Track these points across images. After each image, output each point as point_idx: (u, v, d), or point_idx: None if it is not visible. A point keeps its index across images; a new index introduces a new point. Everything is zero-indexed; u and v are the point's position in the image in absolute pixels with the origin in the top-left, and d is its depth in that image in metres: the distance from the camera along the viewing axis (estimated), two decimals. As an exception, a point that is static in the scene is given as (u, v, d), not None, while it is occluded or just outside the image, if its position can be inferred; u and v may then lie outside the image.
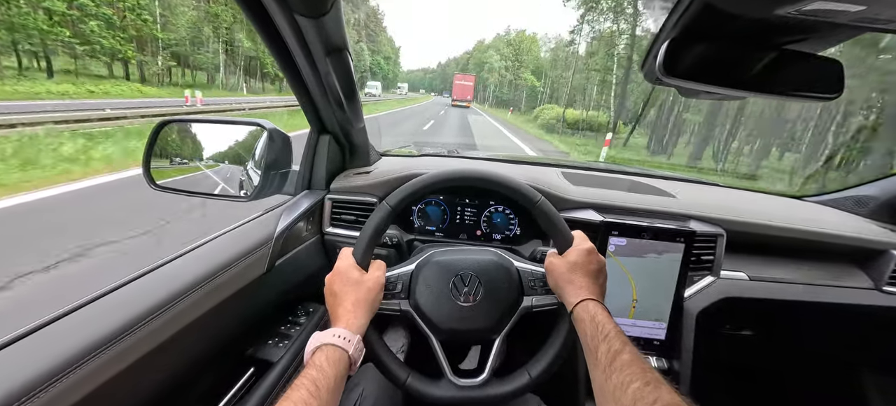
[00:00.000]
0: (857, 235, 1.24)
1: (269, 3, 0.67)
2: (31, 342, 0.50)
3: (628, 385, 0.50)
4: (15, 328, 0.51)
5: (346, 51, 0.83)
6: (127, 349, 0.56)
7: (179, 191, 0.98)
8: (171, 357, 0.65)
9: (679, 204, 1.19)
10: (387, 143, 1.76)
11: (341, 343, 0.60)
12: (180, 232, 3.38)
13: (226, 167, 1.05)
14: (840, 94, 0.61)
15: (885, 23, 0.45)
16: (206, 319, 0.71)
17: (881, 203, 1.41)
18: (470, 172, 0.82)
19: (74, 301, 0.57)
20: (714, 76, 0.60)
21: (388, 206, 0.78)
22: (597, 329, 0.60)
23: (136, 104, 14.18)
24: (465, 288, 0.78)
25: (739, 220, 1.17)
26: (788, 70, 0.60)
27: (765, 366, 1.62)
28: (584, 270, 0.71)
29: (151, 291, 0.63)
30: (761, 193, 1.66)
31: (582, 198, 1.14)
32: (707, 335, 1.13)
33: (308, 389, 0.51)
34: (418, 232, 1.19)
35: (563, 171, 1.44)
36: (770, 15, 0.46)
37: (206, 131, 1.06)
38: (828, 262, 1.27)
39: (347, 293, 0.68)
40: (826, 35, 0.55)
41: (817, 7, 0.42)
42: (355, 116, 1.05)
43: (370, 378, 0.87)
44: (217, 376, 0.82)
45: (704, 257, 1.12)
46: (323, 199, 1.13)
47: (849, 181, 1.53)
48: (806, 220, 1.26)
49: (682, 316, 1.10)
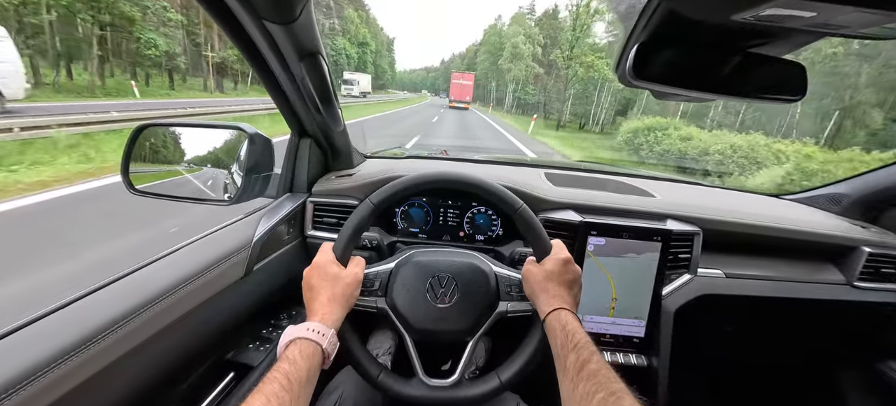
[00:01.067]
0: (829, 232, 1.28)
1: (239, 11, 0.67)
2: (1, 346, 0.50)
3: (593, 395, 0.51)
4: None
5: (321, 55, 0.83)
6: (93, 356, 0.55)
7: (160, 195, 0.97)
8: (142, 363, 0.64)
9: (658, 203, 1.21)
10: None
11: (315, 336, 0.60)
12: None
13: (209, 171, 1.04)
14: (803, 96, 0.63)
15: (837, 27, 0.46)
16: (182, 324, 0.70)
17: (853, 200, 1.45)
18: (453, 176, 0.83)
19: (43, 307, 0.56)
20: (683, 79, 0.62)
21: (371, 203, 0.78)
22: (567, 338, 0.61)
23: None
24: (441, 289, 0.79)
25: (716, 218, 1.19)
26: (754, 73, 0.62)
27: (742, 361, 1.66)
28: (559, 280, 0.72)
29: (121, 297, 0.63)
30: (740, 192, 1.70)
31: (562, 198, 1.15)
32: (685, 332, 1.15)
33: (280, 382, 0.51)
34: (401, 234, 1.19)
35: (547, 171, 1.45)
36: (729, 20, 0.47)
37: (186, 135, 1.05)
38: (802, 258, 1.31)
39: (324, 287, 0.69)
40: (787, 39, 0.57)
41: (772, 12, 0.44)
42: (334, 120, 1.05)
43: (349, 381, 0.87)
44: (196, 380, 0.81)
45: (681, 256, 1.14)
46: (305, 202, 1.13)
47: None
48: (781, 218, 1.29)
49: (660, 313, 1.12)
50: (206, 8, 0.67)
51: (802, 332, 1.45)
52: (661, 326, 1.12)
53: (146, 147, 0.99)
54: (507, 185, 1.07)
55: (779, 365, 1.66)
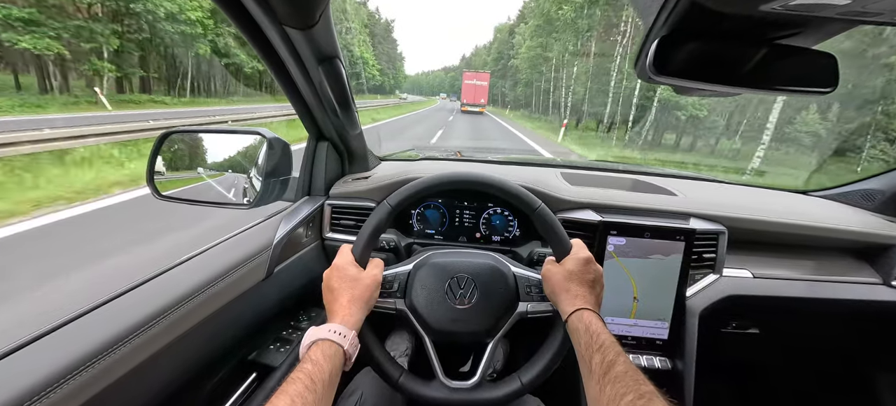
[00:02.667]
0: (863, 230, 1.23)
1: (260, 17, 0.68)
2: (31, 351, 0.52)
3: (621, 397, 0.50)
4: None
5: (338, 59, 0.84)
6: (124, 357, 0.57)
7: (184, 200, 0.99)
8: (170, 363, 0.66)
9: (680, 202, 1.18)
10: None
11: (337, 338, 0.61)
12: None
13: (230, 176, 1.07)
14: (835, 88, 0.60)
15: (874, 15, 0.44)
16: (206, 326, 0.72)
17: (889, 197, 1.39)
18: (469, 176, 0.82)
19: (70, 312, 0.58)
20: (706, 73, 0.60)
21: (388, 205, 0.79)
22: (591, 339, 0.60)
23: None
24: (460, 290, 0.78)
25: (741, 217, 1.16)
26: (781, 65, 0.60)
27: (771, 364, 1.60)
28: (580, 279, 0.71)
29: (149, 300, 0.64)
30: (766, 189, 1.65)
31: (580, 198, 1.13)
32: (711, 334, 1.12)
33: (304, 383, 0.52)
34: (417, 235, 1.19)
35: (563, 171, 1.44)
36: (756, 11, 0.46)
37: (208, 141, 1.07)
38: (835, 257, 1.26)
39: (344, 289, 0.69)
40: (817, 28, 0.55)
41: (804, 2, 0.42)
42: (351, 123, 1.06)
43: (369, 382, 0.87)
44: (219, 382, 0.83)
45: (706, 255, 1.11)
46: (322, 204, 1.14)
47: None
48: (810, 215, 1.24)
49: (684, 315, 1.09)
50: (228, 14, 0.68)
51: (836, 335, 1.40)
52: (686, 328, 1.09)
53: (170, 153, 1.02)
54: (524, 184, 1.06)
55: (811, 370, 1.60)
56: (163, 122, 9.50)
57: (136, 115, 14.64)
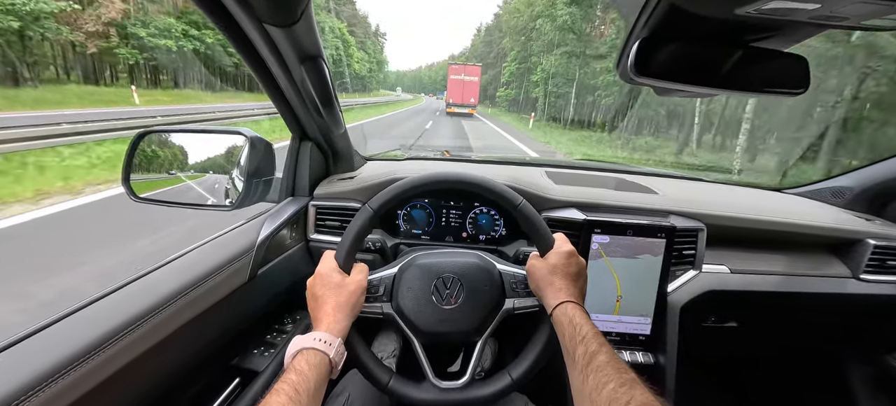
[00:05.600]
0: (833, 226, 1.27)
1: (238, 14, 0.67)
2: (5, 358, 0.50)
3: (604, 386, 0.51)
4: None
5: (321, 58, 0.83)
6: (102, 363, 0.55)
7: (162, 202, 0.97)
8: (150, 370, 0.64)
9: (661, 200, 1.21)
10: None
11: (322, 346, 0.60)
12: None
13: (211, 176, 1.04)
14: (806, 89, 0.63)
15: (840, 19, 0.46)
16: (187, 331, 0.70)
17: (857, 193, 1.45)
18: (452, 176, 0.82)
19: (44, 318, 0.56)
20: (685, 75, 0.62)
21: (370, 208, 0.78)
22: (575, 331, 0.61)
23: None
24: (446, 290, 0.78)
25: (719, 214, 1.19)
26: (756, 67, 0.62)
27: (749, 357, 1.65)
28: (563, 273, 0.71)
29: (127, 305, 0.63)
30: (743, 187, 1.70)
31: (564, 196, 1.15)
32: (691, 328, 1.14)
33: (288, 394, 0.51)
34: (404, 235, 1.19)
35: (548, 170, 1.45)
36: (731, 15, 0.47)
37: (187, 141, 1.05)
38: (807, 252, 1.30)
39: (329, 296, 0.68)
40: (789, 32, 0.57)
41: (775, 6, 0.43)
42: (335, 123, 1.05)
43: (356, 384, 0.86)
44: (201, 387, 0.81)
45: (686, 252, 1.14)
46: (307, 205, 1.12)
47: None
48: (785, 211, 1.28)
49: (666, 310, 1.12)
50: (206, 11, 0.66)
51: (809, 327, 1.45)
52: (668, 323, 1.12)
53: (147, 153, 0.99)
54: (509, 183, 1.07)
55: (788, 361, 1.66)
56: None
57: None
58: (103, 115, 10.11)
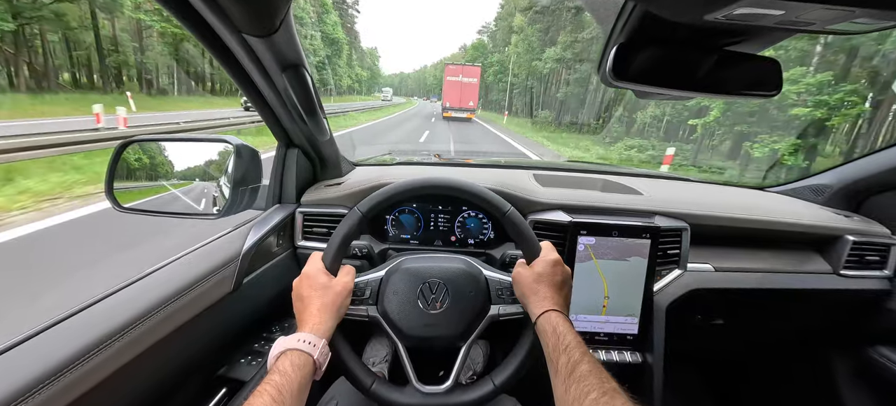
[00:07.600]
0: (814, 223, 1.30)
1: (217, 26, 0.67)
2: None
3: (586, 395, 0.51)
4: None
5: (303, 66, 0.83)
6: (84, 375, 0.54)
7: (148, 211, 0.96)
8: (134, 381, 0.64)
9: (646, 201, 1.23)
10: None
11: (306, 347, 0.60)
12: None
13: (198, 185, 1.03)
14: (779, 91, 0.64)
15: (806, 24, 0.48)
16: (172, 341, 0.69)
17: (836, 191, 1.49)
18: (441, 181, 0.83)
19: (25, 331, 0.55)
20: (662, 78, 0.63)
21: (359, 211, 0.78)
22: (558, 340, 0.62)
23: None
24: (432, 295, 0.79)
25: (702, 213, 1.21)
26: (731, 70, 0.63)
27: (734, 353, 1.68)
28: (548, 281, 0.72)
29: (110, 315, 0.62)
30: (726, 186, 1.73)
31: (551, 199, 1.16)
32: (678, 327, 1.16)
33: (271, 395, 0.51)
34: (393, 241, 1.19)
35: (536, 172, 1.46)
36: (701, 20, 0.48)
37: (172, 149, 1.04)
38: (789, 249, 1.33)
39: (314, 297, 0.68)
40: (760, 36, 0.59)
41: (743, 12, 0.45)
42: (319, 130, 1.05)
43: (345, 391, 0.86)
44: (188, 397, 0.80)
45: (671, 252, 1.15)
46: (293, 212, 1.12)
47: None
48: (766, 210, 1.31)
49: (652, 310, 1.13)
50: (185, 24, 0.66)
51: (791, 322, 1.48)
52: (654, 322, 1.13)
53: (131, 163, 0.98)
54: (496, 187, 1.07)
55: (773, 356, 1.68)
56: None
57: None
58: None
